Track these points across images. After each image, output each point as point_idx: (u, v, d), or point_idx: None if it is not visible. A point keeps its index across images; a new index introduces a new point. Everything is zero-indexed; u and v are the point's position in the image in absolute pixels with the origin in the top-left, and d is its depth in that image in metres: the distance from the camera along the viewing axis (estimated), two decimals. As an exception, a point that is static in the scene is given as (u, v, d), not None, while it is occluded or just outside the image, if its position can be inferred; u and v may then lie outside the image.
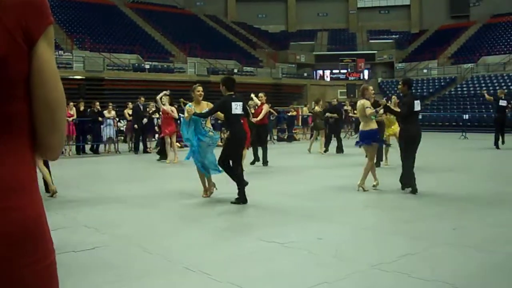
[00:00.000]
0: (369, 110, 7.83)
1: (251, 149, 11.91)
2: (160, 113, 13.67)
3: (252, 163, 12.09)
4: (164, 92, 13.02)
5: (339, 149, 14.93)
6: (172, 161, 12.56)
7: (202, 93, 7.63)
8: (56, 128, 1.12)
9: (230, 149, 7.23)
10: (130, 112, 16.27)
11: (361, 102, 8.06)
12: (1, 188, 1.02)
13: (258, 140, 12.12)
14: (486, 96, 17.09)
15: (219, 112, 7.41)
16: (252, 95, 12.37)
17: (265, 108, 12.08)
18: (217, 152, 7.42)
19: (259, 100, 12.22)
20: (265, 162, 12.05)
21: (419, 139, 7.88)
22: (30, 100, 1.09)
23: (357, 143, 8.35)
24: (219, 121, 12.04)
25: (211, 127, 7.67)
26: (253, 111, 12.38)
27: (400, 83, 8.27)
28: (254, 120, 11.30)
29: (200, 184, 7.61)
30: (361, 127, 8.19)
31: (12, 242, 1.02)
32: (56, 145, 1.15)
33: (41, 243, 1.09)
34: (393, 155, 10.12)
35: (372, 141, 8.01)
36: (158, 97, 12.93)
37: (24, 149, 1.10)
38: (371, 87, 8.41)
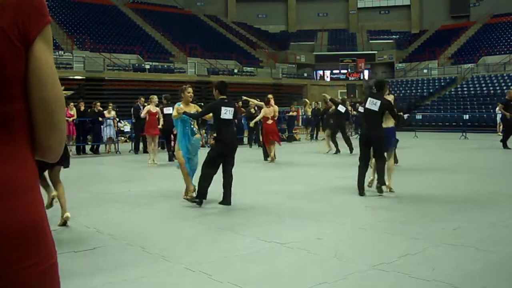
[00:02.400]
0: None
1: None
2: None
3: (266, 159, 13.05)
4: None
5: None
6: (152, 163, 12.59)
7: (193, 94, 7.62)
8: (55, 128, 1.12)
9: (213, 152, 7.11)
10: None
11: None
12: (2, 189, 1.02)
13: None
14: (502, 110, 16.10)
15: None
16: (244, 98, 13.26)
17: (276, 108, 13.21)
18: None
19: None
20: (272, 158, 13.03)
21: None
22: (28, 100, 1.09)
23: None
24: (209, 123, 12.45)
25: (198, 128, 7.67)
26: (253, 111, 12.74)
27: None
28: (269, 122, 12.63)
29: (184, 184, 7.56)
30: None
31: (13, 243, 1.01)
32: (56, 145, 1.14)
33: (42, 244, 1.08)
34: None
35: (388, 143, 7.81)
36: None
37: (24, 150, 1.09)
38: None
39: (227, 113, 7.04)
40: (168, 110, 12.47)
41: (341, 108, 14.83)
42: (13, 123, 1.07)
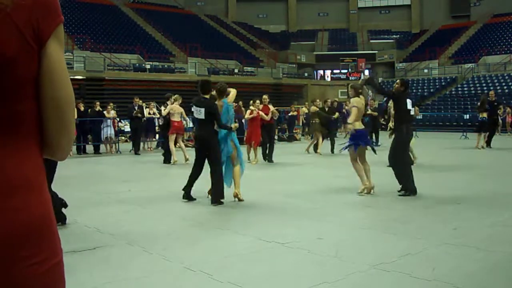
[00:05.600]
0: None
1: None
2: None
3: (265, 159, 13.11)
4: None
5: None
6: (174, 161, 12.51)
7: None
8: (65, 128, 1.12)
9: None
10: (152, 111, 16.70)
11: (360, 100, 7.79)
12: (8, 187, 1.02)
13: (268, 137, 13.16)
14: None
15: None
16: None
17: (272, 108, 13.45)
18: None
19: (263, 101, 13.19)
20: (270, 159, 12.91)
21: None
22: (39, 99, 1.09)
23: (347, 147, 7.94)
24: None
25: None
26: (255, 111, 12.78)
27: (397, 81, 8.23)
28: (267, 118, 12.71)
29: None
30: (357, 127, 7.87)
31: (17, 242, 1.02)
32: (65, 145, 1.14)
33: (47, 242, 1.08)
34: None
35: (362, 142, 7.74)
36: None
37: (33, 149, 1.09)
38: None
39: (196, 112, 7.15)
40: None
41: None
42: (23, 122, 1.07)
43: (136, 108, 15.38)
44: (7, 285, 1.01)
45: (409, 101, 7.84)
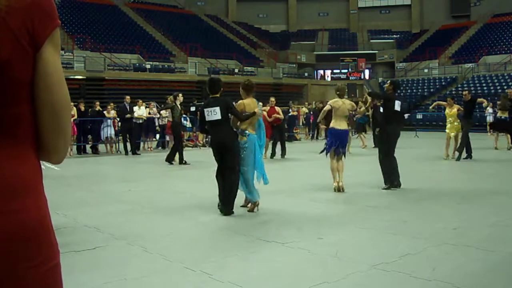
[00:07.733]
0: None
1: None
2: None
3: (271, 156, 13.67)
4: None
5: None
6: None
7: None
8: (61, 131, 1.12)
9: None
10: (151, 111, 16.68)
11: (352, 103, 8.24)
12: (6, 190, 1.02)
13: (279, 136, 14.09)
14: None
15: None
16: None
17: (278, 109, 14.03)
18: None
19: (270, 103, 13.90)
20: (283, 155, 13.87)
21: (398, 137, 8.36)
22: (35, 103, 1.08)
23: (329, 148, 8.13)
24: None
25: (248, 132, 6.57)
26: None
27: (387, 83, 8.56)
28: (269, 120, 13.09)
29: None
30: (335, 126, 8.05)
31: (13, 245, 1.01)
32: (61, 148, 1.14)
33: (44, 245, 1.08)
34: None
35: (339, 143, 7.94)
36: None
37: (30, 152, 1.09)
38: None
39: (209, 114, 6.42)
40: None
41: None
42: (18, 125, 1.07)
43: (128, 108, 15.18)
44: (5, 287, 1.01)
45: (397, 103, 8.25)
